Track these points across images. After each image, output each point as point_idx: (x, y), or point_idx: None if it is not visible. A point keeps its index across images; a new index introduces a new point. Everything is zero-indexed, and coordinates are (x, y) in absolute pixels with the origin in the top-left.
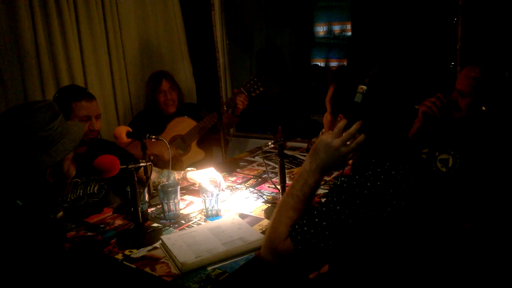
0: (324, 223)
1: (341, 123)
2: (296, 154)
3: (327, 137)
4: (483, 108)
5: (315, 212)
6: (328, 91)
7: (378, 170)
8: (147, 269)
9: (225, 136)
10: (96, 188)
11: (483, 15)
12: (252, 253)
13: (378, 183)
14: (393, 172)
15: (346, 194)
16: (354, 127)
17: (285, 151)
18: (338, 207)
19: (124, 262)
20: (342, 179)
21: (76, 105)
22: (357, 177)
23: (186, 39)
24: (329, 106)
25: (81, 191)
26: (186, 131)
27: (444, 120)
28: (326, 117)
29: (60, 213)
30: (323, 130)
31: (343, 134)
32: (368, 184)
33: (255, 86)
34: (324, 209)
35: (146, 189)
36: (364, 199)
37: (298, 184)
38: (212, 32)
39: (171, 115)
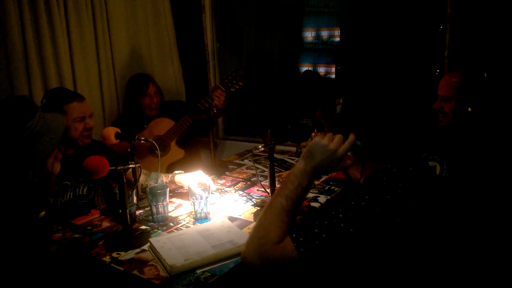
0: (325, 236)
1: (338, 136)
2: (285, 157)
3: (322, 140)
4: (469, 109)
5: (316, 223)
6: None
7: (388, 197)
8: (135, 272)
9: (213, 139)
10: (85, 190)
11: (471, 23)
12: None
13: (386, 211)
14: (403, 202)
15: (352, 212)
16: (352, 136)
17: (274, 155)
18: (342, 225)
19: (112, 265)
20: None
21: (69, 108)
22: (367, 197)
23: (176, 41)
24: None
25: (71, 193)
26: (165, 131)
27: (429, 129)
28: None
29: (42, 213)
30: (313, 134)
31: (343, 145)
32: (377, 209)
33: (234, 81)
34: (326, 222)
35: (134, 191)
36: (371, 223)
37: (292, 186)
38: (202, 35)
39: (152, 117)
